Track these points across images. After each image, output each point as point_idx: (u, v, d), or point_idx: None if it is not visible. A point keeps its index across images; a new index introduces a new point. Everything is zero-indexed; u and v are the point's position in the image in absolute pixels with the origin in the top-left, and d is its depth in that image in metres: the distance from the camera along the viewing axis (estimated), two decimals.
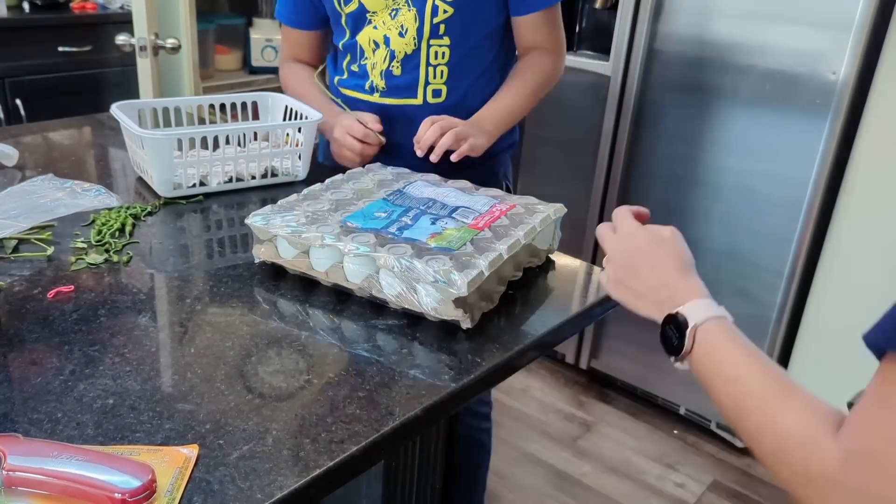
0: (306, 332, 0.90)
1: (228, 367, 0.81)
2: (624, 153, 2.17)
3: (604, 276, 0.84)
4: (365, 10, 1.31)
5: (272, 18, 3.95)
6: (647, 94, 2.09)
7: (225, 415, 0.73)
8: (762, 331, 2.03)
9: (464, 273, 0.87)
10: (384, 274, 0.92)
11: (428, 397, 0.78)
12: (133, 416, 0.72)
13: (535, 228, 1.02)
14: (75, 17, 2.99)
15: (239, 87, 3.80)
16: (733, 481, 2.09)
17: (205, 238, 1.17)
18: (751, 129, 1.93)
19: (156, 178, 1.24)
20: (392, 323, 0.92)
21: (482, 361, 0.85)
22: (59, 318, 0.88)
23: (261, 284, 1.00)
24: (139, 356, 0.82)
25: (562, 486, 2.03)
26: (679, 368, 0.75)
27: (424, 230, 0.98)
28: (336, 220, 0.99)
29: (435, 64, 1.31)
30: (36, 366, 0.79)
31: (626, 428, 2.28)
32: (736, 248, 2.03)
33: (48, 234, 1.09)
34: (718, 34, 1.93)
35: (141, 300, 0.94)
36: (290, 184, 1.36)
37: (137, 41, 2.05)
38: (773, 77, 1.86)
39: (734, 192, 1.99)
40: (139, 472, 0.62)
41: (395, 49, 1.31)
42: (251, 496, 0.63)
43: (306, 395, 0.77)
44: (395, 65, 1.32)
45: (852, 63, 1.75)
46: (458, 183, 1.17)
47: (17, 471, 0.62)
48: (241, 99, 1.46)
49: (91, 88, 2.97)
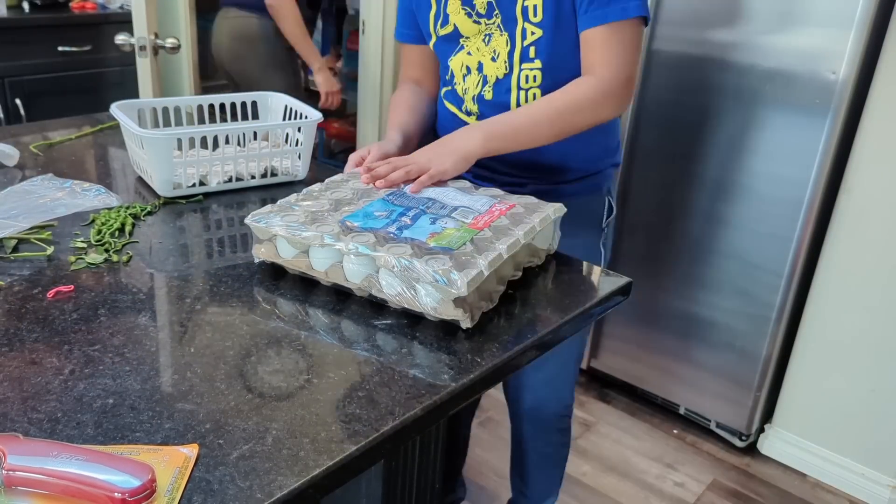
0: (306, 331, 0.90)
1: (228, 366, 0.81)
2: (624, 153, 2.17)
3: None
4: (459, 34, 1.28)
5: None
6: (647, 94, 2.09)
7: (225, 414, 0.73)
8: (762, 331, 2.04)
9: (464, 273, 0.87)
10: (384, 273, 0.92)
11: (428, 397, 0.78)
12: (133, 416, 0.72)
13: (534, 228, 1.02)
14: (75, 16, 2.99)
15: None
16: (733, 481, 2.09)
17: (205, 238, 1.17)
18: (751, 129, 1.93)
19: (155, 177, 1.25)
20: (392, 322, 0.92)
21: (482, 361, 0.85)
22: (59, 317, 0.88)
23: (261, 284, 1.00)
24: (139, 356, 0.82)
25: (562, 485, 2.03)
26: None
27: (424, 230, 0.98)
28: (336, 220, 0.99)
29: (526, 87, 1.26)
30: (36, 365, 0.79)
31: (626, 427, 2.28)
32: (736, 248, 2.03)
33: (48, 234, 1.09)
34: (718, 34, 1.93)
35: (141, 300, 0.94)
36: (290, 183, 1.36)
37: (137, 41, 2.05)
38: (772, 77, 1.86)
39: (734, 191, 1.99)
40: (139, 471, 0.62)
41: (488, 74, 1.28)
42: (251, 496, 0.63)
43: (306, 395, 0.77)
44: (487, 89, 1.29)
45: (852, 63, 1.75)
46: (457, 182, 1.17)
47: (17, 470, 0.61)
48: (241, 99, 1.46)
49: (91, 88, 2.98)
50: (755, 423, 2.16)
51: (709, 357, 2.16)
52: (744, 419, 2.15)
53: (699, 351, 2.18)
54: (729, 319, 2.09)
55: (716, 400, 2.19)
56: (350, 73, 3.67)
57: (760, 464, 2.17)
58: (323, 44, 3.88)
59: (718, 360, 2.14)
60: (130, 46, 2.06)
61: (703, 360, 2.18)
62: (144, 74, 2.10)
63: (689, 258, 2.12)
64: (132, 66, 2.12)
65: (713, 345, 2.14)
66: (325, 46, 3.89)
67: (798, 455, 2.14)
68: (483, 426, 2.23)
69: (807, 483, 2.10)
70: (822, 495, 2.06)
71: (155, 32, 2.07)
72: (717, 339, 2.13)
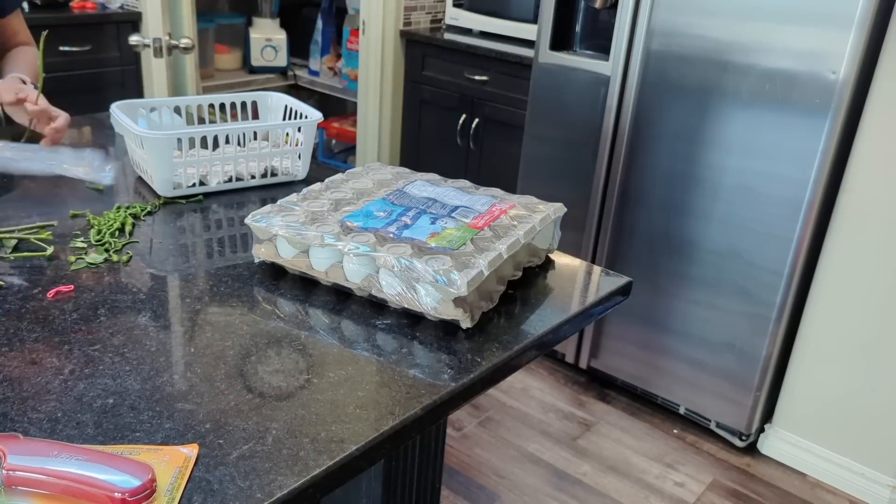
0: (306, 331, 0.90)
1: (228, 366, 0.81)
2: (624, 153, 2.17)
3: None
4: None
5: (272, 18, 3.95)
6: (646, 94, 2.09)
7: (225, 414, 0.73)
8: (762, 331, 2.04)
9: (464, 272, 0.87)
10: (384, 273, 0.92)
11: (428, 397, 0.78)
12: (133, 416, 0.72)
13: (534, 228, 1.02)
14: (75, 16, 2.99)
15: (239, 86, 3.81)
16: (733, 480, 2.09)
17: (205, 238, 1.17)
18: (750, 129, 1.93)
19: (155, 177, 1.25)
20: (392, 322, 0.92)
21: (482, 361, 0.85)
22: (59, 317, 0.88)
23: (261, 284, 1.00)
24: (139, 356, 0.82)
25: (561, 485, 2.03)
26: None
27: (424, 230, 0.98)
28: (336, 220, 0.99)
29: None
30: (36, 365, 0.79)
31: (626, 427, 2.28)
32: (736, 248, 2.03)
33: (48, 234, 1.09)
34: (718, 33, 1.93)
35: (141, 300, 0.94)
36: (290, 183, 1.36)
37: (152, 41, 2.04)
38: (772, 77, 1.86)
39: (734, 191, 1.99)
40: (139, 471, 0.62)
41: None
42: (251, 495, 0.63)
43: (306, 395, 0.77)
44: None
45: (852, 62, 1.75)
46: (457, 182, 1.17)
47: (17, 470, 0.62)
48: (241, 98, 1.46)
49: (91, 88, 2.98)
50: (755, 423, 2.16)
51: (709, 357, 2.16)
52: (744, 419, 2.15)
53: (699, 351, 2.18)
54: (729, 319, 2.09)
55: (716, 400, 2.19)
56: (350, 73, 3.67)
57: (760, 464, 2.17)
58: (323, 44, 3.88)
59: (718, 360, 2.14)
60: (144, 47, 2.06)
61: (703, 360, 2.18)
62: (159, 74, 2.10)
63: (690, 258, 2.12)
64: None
65: (713, 345, 2.14)
66: (326, 46, 3.89)
67: (798, 455, 2.14)
68: (483, 426, 2.23)
69: (807, 483, 2.10)
70: (822, 495, 2.06)
71: (168, 33, 2.07)
72: (717, 339, 2.13)
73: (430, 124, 3.10)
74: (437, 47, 2.98)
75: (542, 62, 2.31)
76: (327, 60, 3.91)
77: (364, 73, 3.20)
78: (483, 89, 2.84)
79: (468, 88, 2.89)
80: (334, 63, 3.88)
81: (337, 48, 3.88)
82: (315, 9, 3.88)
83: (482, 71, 2.83)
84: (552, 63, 2.28)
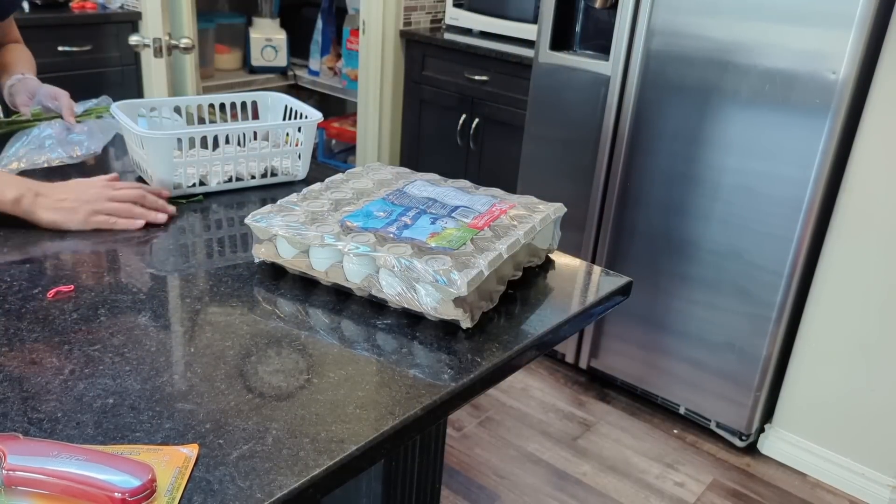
0: (306, 331, 0.90)
1: (228, 366, 0.81)
2: (624, 153, 2.17)
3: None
4: None
5: (272, 18, 3.95)
6: (646, 94, 2.09)
7: (225, 414, 0.73)
8: (762, 331, 2.04)
9: (464, 272, 0.87)
10: (384, 273, 0.92)
11: (428, 397, 0.78)
12: (133, 416, 0.72)
13: (534, 228, 1.02)
14: (75, 16, 2.99)
15: (239, 86, 3.81)
16: (733, 480, 2.09)
17: (205, 238, 1.16)
18: (750, 129, 1.93)
19: (156, 177, 1.24)
20: (392, 322, 0.92)
21: (482, 361, 0.85)
22: (59, 317, 0.88)
23: (261, 284, 1.00)
24: (139, 356, 0.82)
25: (561, 485, 2.03)
26: None
27: (424, 230, 0.98)
28: (336, 220, 0.99)
29: None
30: (36, 365, 0.79)
31: (626, 427, 2.28)
32: (736, 248, 2.03)
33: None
34: (718, 33, 1.93)
35: (141, 300, 0.94)
36: (290, 183, 1.36)
37: (152, 41, 2.04)
38: (772, 76, 1.86)
39: (734, 191, 1.99)
40: (139, 471, 0.62)
41: None
42: (251, 496, 0.63)
43: (306, 395, 0.77)
44: None
45: (852, 62, 1.75)
46: (457, 182, 1.17)
47: (17, 470, 0.62)
48: (241, 98, 1.46)
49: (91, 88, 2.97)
50: (755, 423, 2.16)
51: (709, 357, 2.16)
52: (744, 419, 2.15)
53: (699, 351, 2.18)
54: (729, 319, 2.09)
55: (716, 400, 2.19)
56: (350, 73, 3.67)
57: (760, 464, 2.17)
58: (323, 44, 3.88)
59: (718, 360, 2.14)
60: (144, 47, 2.06)
61: (703, 360, 2.18)
62: (159, 74, 2.10)
63: (689, 258, 2.12)
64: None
65: (713, 345, 2.15)
66: (326, 46, 3.89)
67: (798, 455, 2.14)
68: (483, 426, 2.23)
69: (807, 483, 2.10)
70: (822, 495, 2.06)
71: (168, 33, 2.07)
72: (717, 339, 2.13)
73: (430, 124, 3.10)
74: (437, 47, 2.98)
75: (542, 62, 2.31)
76: (327, 60, 3.91)
77: (364, 73, 3.20)
78: (483, 89, 2.84)
79: (468, 88, 2.89)
80: (334, 63, 3.88)
81: (337, 48, 3.88)
82: (315, 9, 3.88)
83: (482, 71, 2.83)
84: (552, 63, 2.28)
